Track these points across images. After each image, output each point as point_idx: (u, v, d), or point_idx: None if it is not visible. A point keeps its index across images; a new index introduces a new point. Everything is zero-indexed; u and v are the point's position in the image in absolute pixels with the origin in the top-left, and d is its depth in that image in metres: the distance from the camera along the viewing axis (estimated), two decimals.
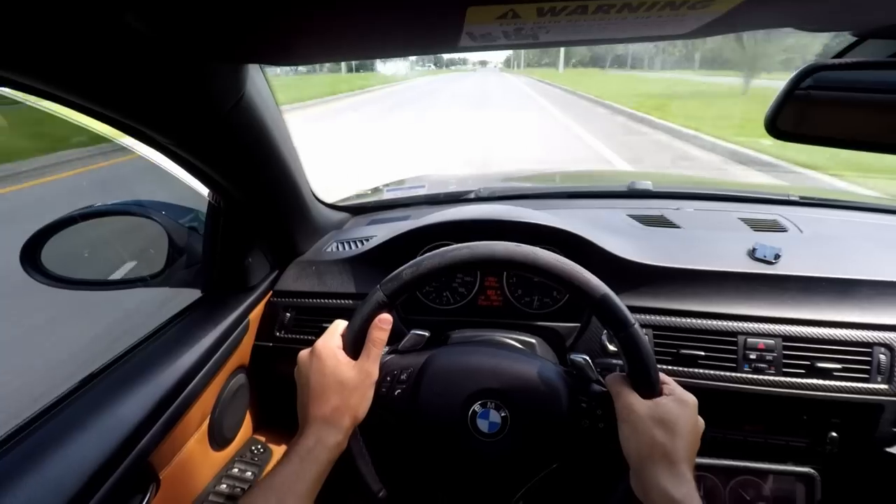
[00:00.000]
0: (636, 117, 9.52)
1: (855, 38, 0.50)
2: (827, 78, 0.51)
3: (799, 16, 0.39)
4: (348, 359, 0.65)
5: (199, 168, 0.76)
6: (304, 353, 0.67)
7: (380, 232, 1.13)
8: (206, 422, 0.89)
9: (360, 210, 1.35)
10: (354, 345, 0.66)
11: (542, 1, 0.30)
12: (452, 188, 1.42)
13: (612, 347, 0.91)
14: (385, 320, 0.67)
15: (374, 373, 0.66)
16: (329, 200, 1.28)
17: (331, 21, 0.34)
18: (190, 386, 0.79)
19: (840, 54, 0.52)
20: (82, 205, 0.90)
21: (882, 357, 0.82)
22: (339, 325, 0.69)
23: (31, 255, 0.88)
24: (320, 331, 0.71)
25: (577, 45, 0.45)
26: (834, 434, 0.87)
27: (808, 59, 0.53)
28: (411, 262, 0.66)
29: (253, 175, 0.85)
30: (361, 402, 0.64)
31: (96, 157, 6.89)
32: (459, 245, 0.66)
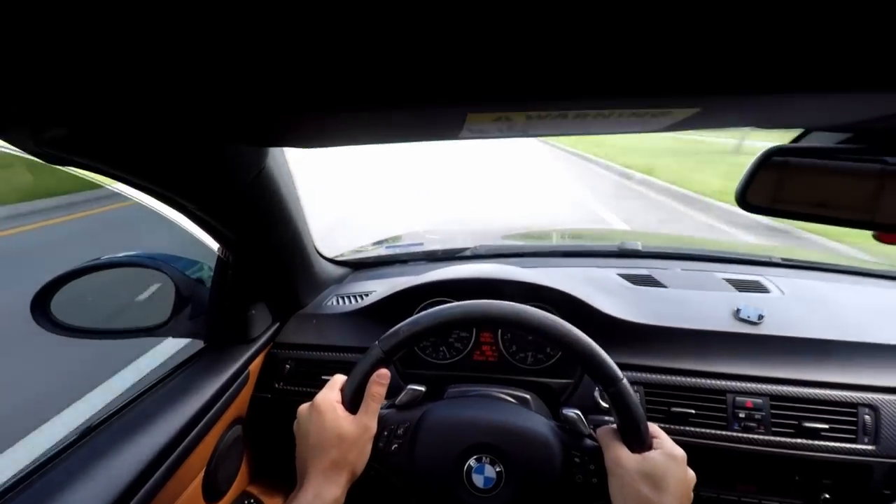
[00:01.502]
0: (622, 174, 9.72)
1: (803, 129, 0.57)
2: (787, 158, 0.58)
3: (748, 122, 0.45)
4: (347, 413, 0.66)
5: (217, 229, 0.81)
6: (303, 408, 0.69)
7: (379, 287, 1.17)
8: (202, 474, 0.88)
9: (359, 265, 1.39)
10: (353, 399, 0.68)
11: (531, 110, 0.36)
12: (450, 245, 1.48)
13: (604, 404, 0.92)
14: (383, 375, 0.69)
15: (373, 427, 0.67)
16: (329, 255, 1.32)
17: (348, 118, 0.39)
18: (189, 437, 0.80)
19: (796, 139, 0.58)
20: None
21: (867, 417, 0.84)
22: (339, 380, 0.71)
23: (41, 305, 0.90)
24: (320, 383, 0.73)
25: (561, 136, 0.52)
26: (827, 496, 0.87)
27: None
28: (409, 319, 0.69)
29: (265, 237, 0.91)
30: (360, 457, 0.65)
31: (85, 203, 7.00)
32: (455, 304, 0.70)
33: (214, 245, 0.90)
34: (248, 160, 0.73)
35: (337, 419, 0.65)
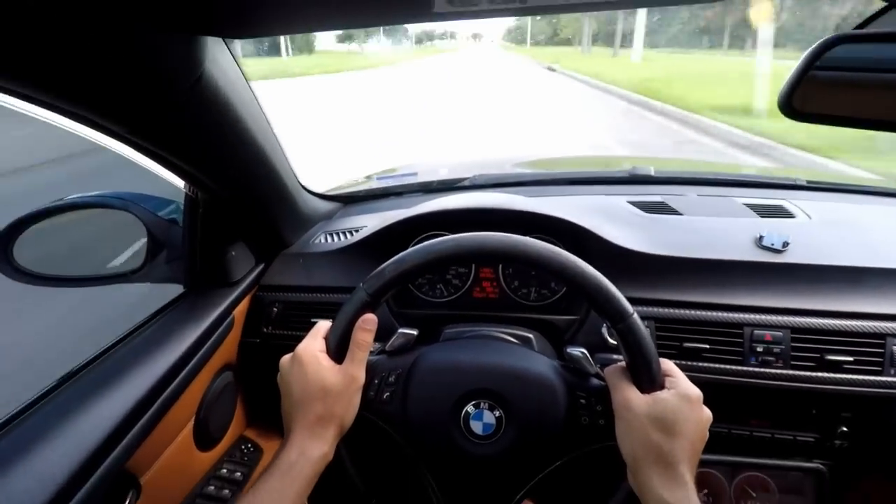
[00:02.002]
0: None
1: (885, 4, 0.46)
2: (849, 52, 0.47)
3: None
4: (332, 363, 0.61)
5: (166, 158, 0.71)
6: (285, 359, 0.63)
7: (370, 222, 1.09)
8: (191, 422, 0.85)
9: (350, 199, 1.31)
10: (338, 348, 0.62)
11: None
12: (446, 175, 1.38)
13: (612, 341, 0.87)
14: (369, 321, 0.63)
15: (361, 377, 0.62)
16: (318, 190, 1.23)
17: None
18: (171, 386, 0.76)
19: (863, 24, 0.47)
20: None
21: None
22: (322, 327, 0.65)
23: (1, 250, 0.84)
24: (309, 326, 0.67)
25: (568, 12, 0.41)
26: (844, 428, 0.84)
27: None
28: (395, 258, 0.62)
29: (224, 163, 0.80)
30: (347, 410, 0.61)
31: None
32: (445, 238, 0.62)
33: (179, 182, 0.82)
34: (180, 61, 0.60)
35: (320, 370, 0.60)
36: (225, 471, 0.94)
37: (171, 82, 0.61)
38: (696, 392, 0.57)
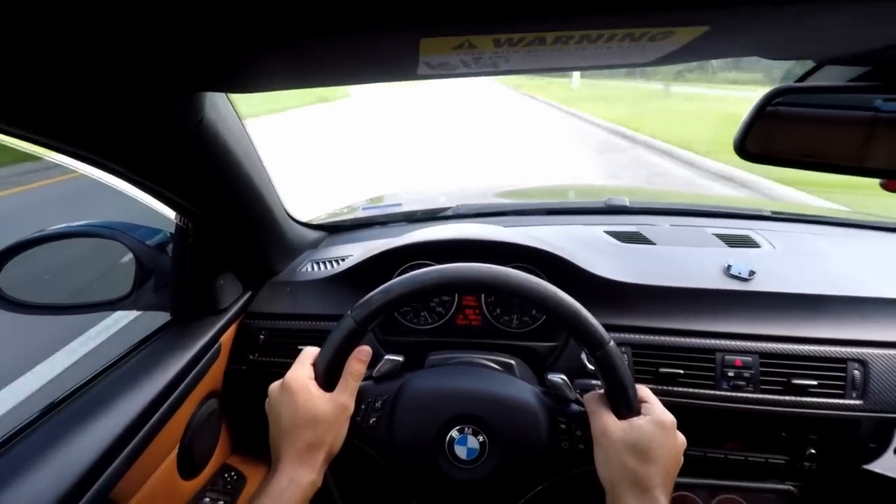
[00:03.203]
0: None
1: (814, 64, 0.52)
2: (792, 100, 0.52)
3: (758, 46, 0.40)
4: (321, 391, 0.62)
5: (159, 191, 0.74)
6: (274, 386, 0.64)
7: (355, 251, 1.12)
8: (176, 450, 0.85)
9: (335, 228, 1.33)
10: (327, 375, 0.63)
11: (499, 32, 0.29)
12: (429, 205, 1.41)
13: (591, 367, 0.90)
14: (364, 352, 0.65)
15: (351, 406, 0.63)
16: (304, 219, 1.26)
17: (283, 52, 0.33)
18: (157, 414, 0.76)
19: (802, 78, 0.53)
20: None
21: (856, 373, 0.83)
22: (309, 354, 0.66)
23: None
24: (295, 353, 0.68)
25: (538, 73, 0.45)
26: (812, 451, 0.87)
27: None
28: (381, 287, 0.65)
29: (218, 198, 0.83)
30: (337, 437, 0.62)
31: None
32: (429, 269, 0.65)
33: (170, 212, 0.83)
34: (183, 110, 0.63)
35: (311, 398, 0.61)
36: (208, 499, 0.92)
37: (173, 128, 0.63)
38: (670, 419, 0.60)
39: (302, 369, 0.64)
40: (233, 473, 1.01)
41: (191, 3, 0.26)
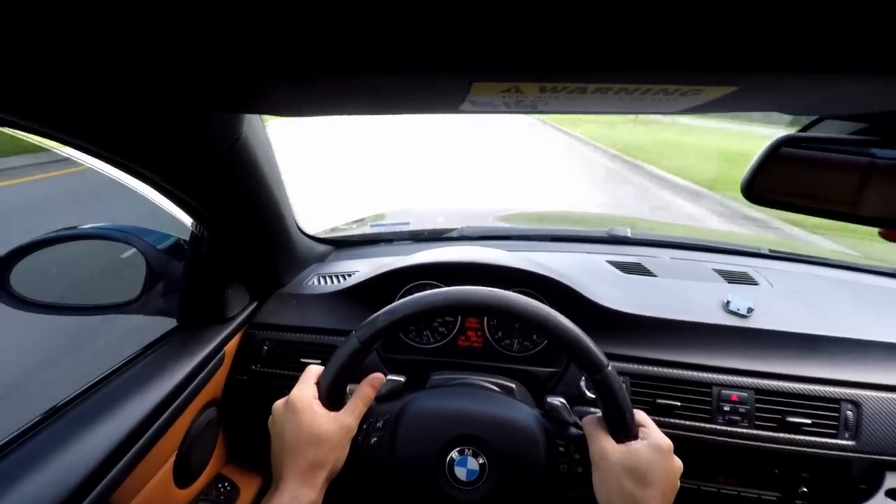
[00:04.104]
0: None
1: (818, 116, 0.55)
2: (796, 149, 0.55)
3: (776, 104, 0.42)
4: (325, 411, 0.63)
5: (187, 202, 0.76)
6: (278, 404, 0.65)
7: (362, 267, 1.13)
8: (173, 458, 0.85)
9: (342, 243, 1.35)
10: (330, 394, 0.64)
11: (546, 80, 0.31)
12: (436, 225, 1.44)
13: (589, 394, 0.91)
14: (378, 379, 0.67)
15: (354, 428, 0.64)
16: (312, 232, 1.28)
17: (335, 84, 0.35)
18: (160, 420, 0.77)
19: (806, 128, 0.56)
20: None
21: (849, 413, 0.84)
22: (313, 372, 0.67)
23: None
24: (299, 365, 0.70)
25: (574, 114, 0.48)
26: (804, 489, 0.88)
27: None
28: (387, 308, 0.66)
29: (241, 211, 0.85)
30: (339, 458, 0.63)
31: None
32: (434, 291, 0.66)
33: (187, 219, 0.85)
34: (223, 127, 0.66)
35: (315, 418, 0.62)
36: None
37: (212, 144, 0.66)
38: (667, 443, 0.61)
39: (306, 388, 0.65)
40: (226, 484, 1.00)
41: (235, 38, 0.28)
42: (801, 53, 0.25)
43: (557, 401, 0.70)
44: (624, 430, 0.61)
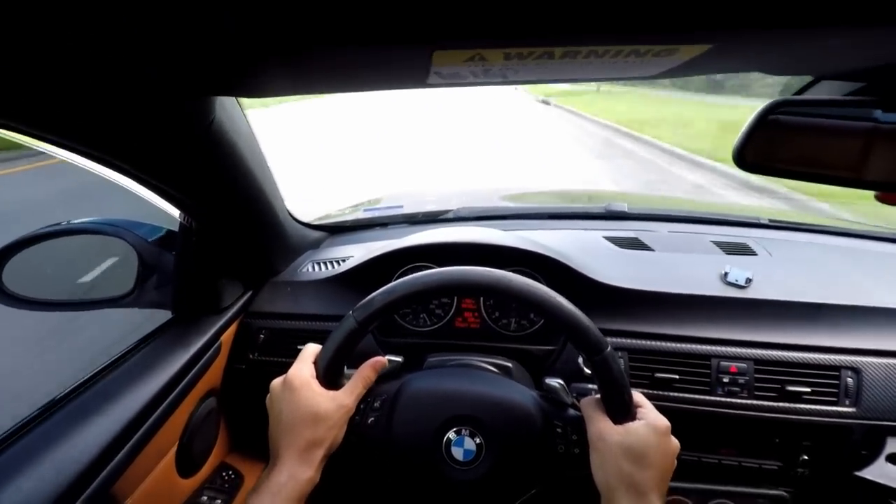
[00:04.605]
0: None
1: (812, 78, 0.53)
2: (789, 112, 0.54)
3: (759, 64, 0.41)
4: (323, 390, 0.63)
5: (169, 192, 0.75)
6: (276, 383, 0.65)
7: (356, 252, 1.12)
8: (174, 448, 0.86)
9: (336, 229, 1.34)
10: (328, 373, 0.64)
11: (509, 47, 0.30)
12: (431, 207, 1.42)
13: (587, 371, 0.91)
14: (380, 363, 0.67)
15: (352, 407, 0.64)
16: (305, 219, 1.26)
17: (298, 61, 0.33)
18: (158, 411, 0.77)
19: (800, 91, 0.54)
20: None
21: (849, 380, 0.84)
22: (311, 351, 0.67)
23: None
24: (295, 353, 0.69)
25: (545, 83, 0.46)
26: (805, 457, 0.88)
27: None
28: (383, 288, 0.65)
29: (225, 198, 0.84)
30: (337, 436, 0.63)
31: None
32: (431, 271, 0.66)
33: (174, 211, 0.84)
34: (194, 111, 0.64)
35: (313, 396, 0.62)
36: (206, 498, 0.93)
37: (184, 128, 0.64)
38: (664, 423, 0.61)
39: (304, 367, 0.65)
40: (230, 472, 1.01)
41: (201, 16, 0.27)
42: (782, 5, 0.24)
43: (555, 382, 0.69)
44: (622, 412, 0.61)
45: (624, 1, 0.23)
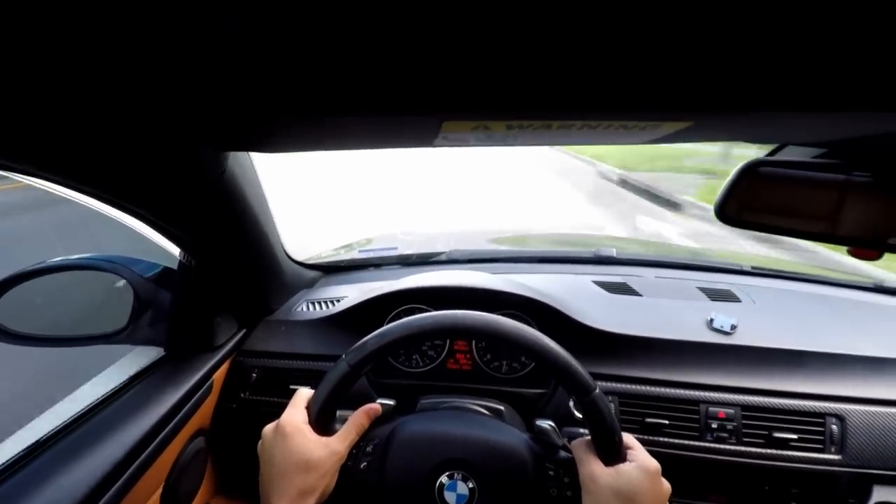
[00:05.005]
0: None
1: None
2: (764, 172, 0.58)
3: (734, 135, 0.45)
4: (315, 436, 0.63)
5: (172, 232, 0.77)
6: (268, 429, 0.65)
7: (351, 293, 1.14)
8: (160, 490, 0.84)
9: (331, 269, 1.36)
10: (320, 418, 0.64)
11: (511, 119, 0.34)
12: (424, 249, 1.45)
13: (578, 414, 0.91)
14: (374, 410, 0.67)
15: (344, 454, 0.64)
16: (300, 258, 1.28)
17: (313, 124, 0.36)
18: (146, 451, 0.76)
19: (773, 152, 0.59)
20: None
21: (834, 427, 0.86)
22: (303, 396, 0.67)
23: None
24: (288, 392, 0.69)
25: (544, 146, 0.50)
26: None
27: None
28: (376, 332, 0.66)
29: (228, 240, 0.86)
30: (329, 484, 0.62)
31: None
32: (425, 315, 0.67)
33: (174, 248, 0.86)
34: (209, 162, 0.68)
35: (305, 443, 0.61)
36: None
37: (197, 178, 0.67)
38: (655, 465, 0.61)
39: (296, 412, 0.64)
40: None
41: (221, 81, 0.29)
42: (753, 93, 0.27)
43: (546, 424, 0.70)
44: (612, 453, 0.62)
45: (614, 86, 0.27)
